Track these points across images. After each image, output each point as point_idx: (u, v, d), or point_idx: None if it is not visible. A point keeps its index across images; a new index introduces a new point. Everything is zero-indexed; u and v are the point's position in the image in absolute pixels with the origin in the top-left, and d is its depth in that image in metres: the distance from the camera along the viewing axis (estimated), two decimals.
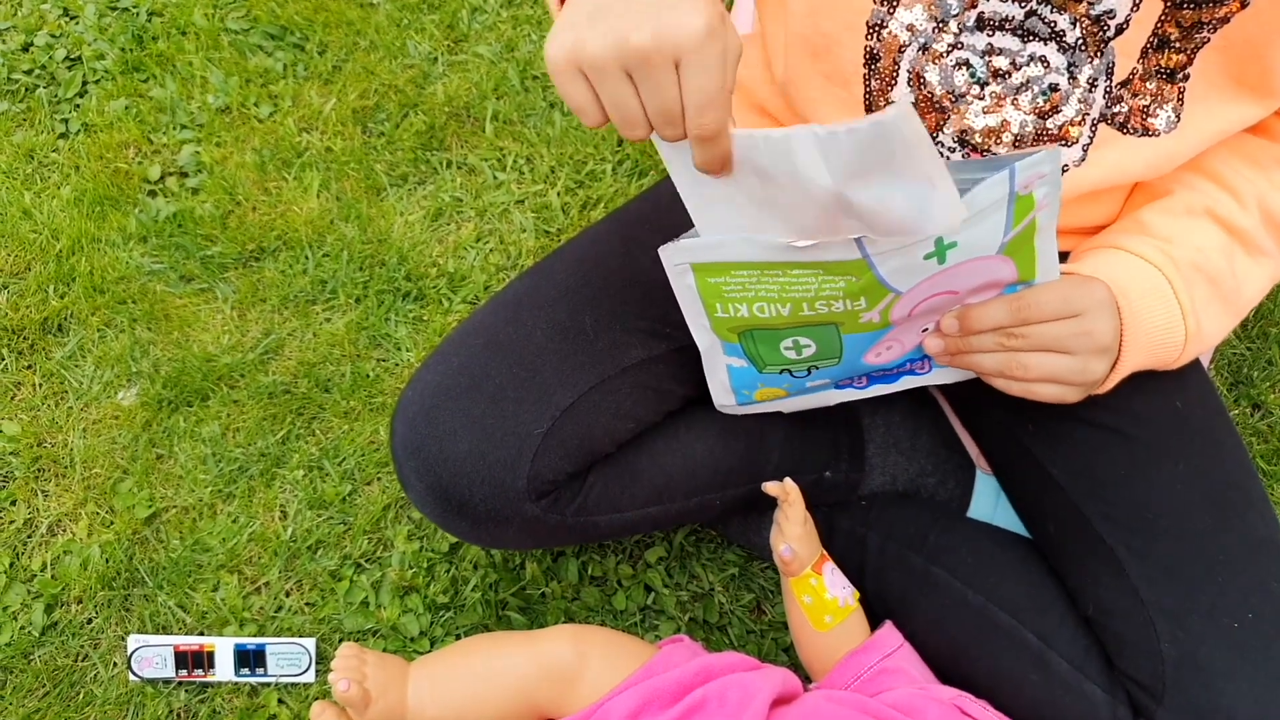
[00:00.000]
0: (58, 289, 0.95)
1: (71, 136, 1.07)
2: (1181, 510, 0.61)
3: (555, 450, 0.60)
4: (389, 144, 1.09)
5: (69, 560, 0.80)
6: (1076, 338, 0.56)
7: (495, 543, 0.67)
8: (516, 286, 0.67)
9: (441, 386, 0.61)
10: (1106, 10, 0.54)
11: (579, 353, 0.62)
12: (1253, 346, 1.01)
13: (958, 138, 0.59)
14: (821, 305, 0.55)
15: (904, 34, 0.58)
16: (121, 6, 1.18)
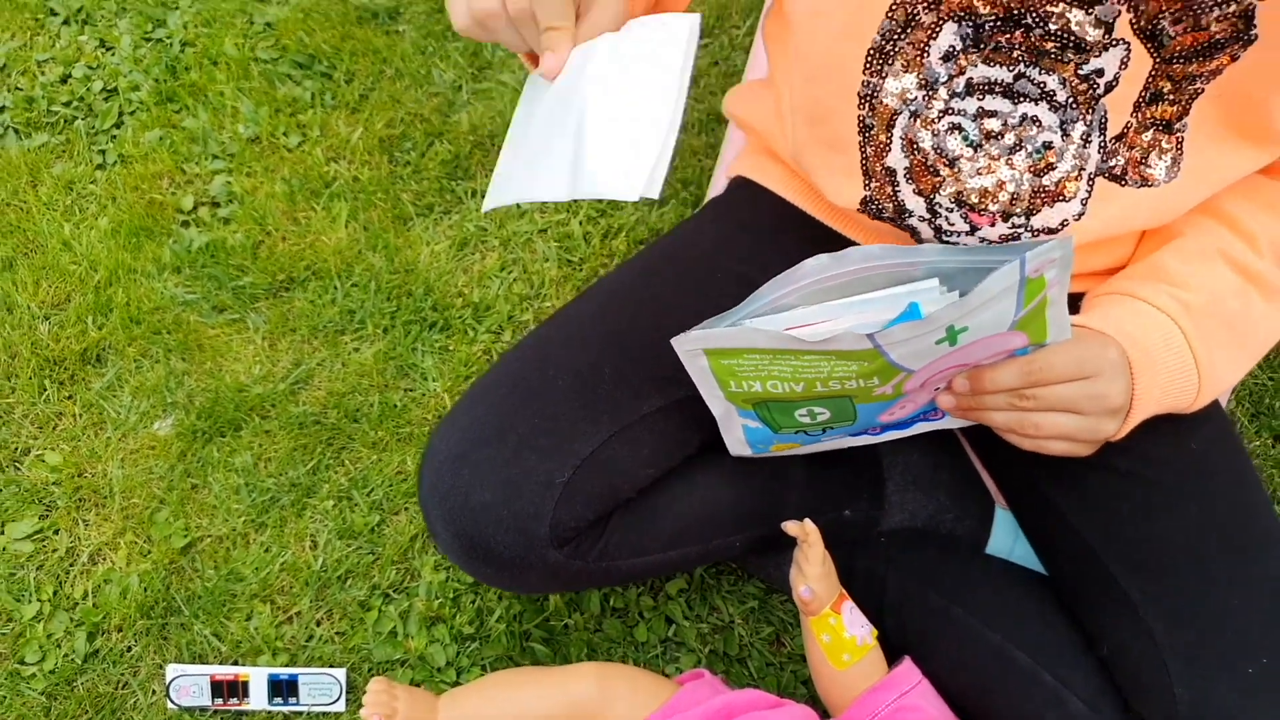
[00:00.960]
0: (96, 320, 0.97)
1: (109, 167, 1.09)
2: (1196, 552, 0.61)
3: (577, 498, 0.62)
4: (415, 173, 1.11)
5: (109, 589, 0.82)
6: (1089, 399, 0.56)
7: (519, 587, 0.69)
8: (540, 335, 0.69)
9: (467, 436, 0.63)
10: (1095, 69, 0.54)
11: (599, 402, 0.63)
12: (1275, 377, 1.01)
13: (955, 199, 0.60)
14: (835, 384, 0.56)
15: (895, 103, 0.59)
16: (155, 37, 1.21)
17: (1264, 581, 0.60)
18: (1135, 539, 0.63)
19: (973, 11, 0.54)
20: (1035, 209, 0.59)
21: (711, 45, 1.25)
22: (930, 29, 0.56)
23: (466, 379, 0.97)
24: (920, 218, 0.62)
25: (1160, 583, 0.61)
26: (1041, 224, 0.60)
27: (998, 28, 0.54)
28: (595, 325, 0.68)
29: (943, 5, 0.55)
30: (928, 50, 0.56)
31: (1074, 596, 0.67)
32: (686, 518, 0.70)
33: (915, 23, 0.56)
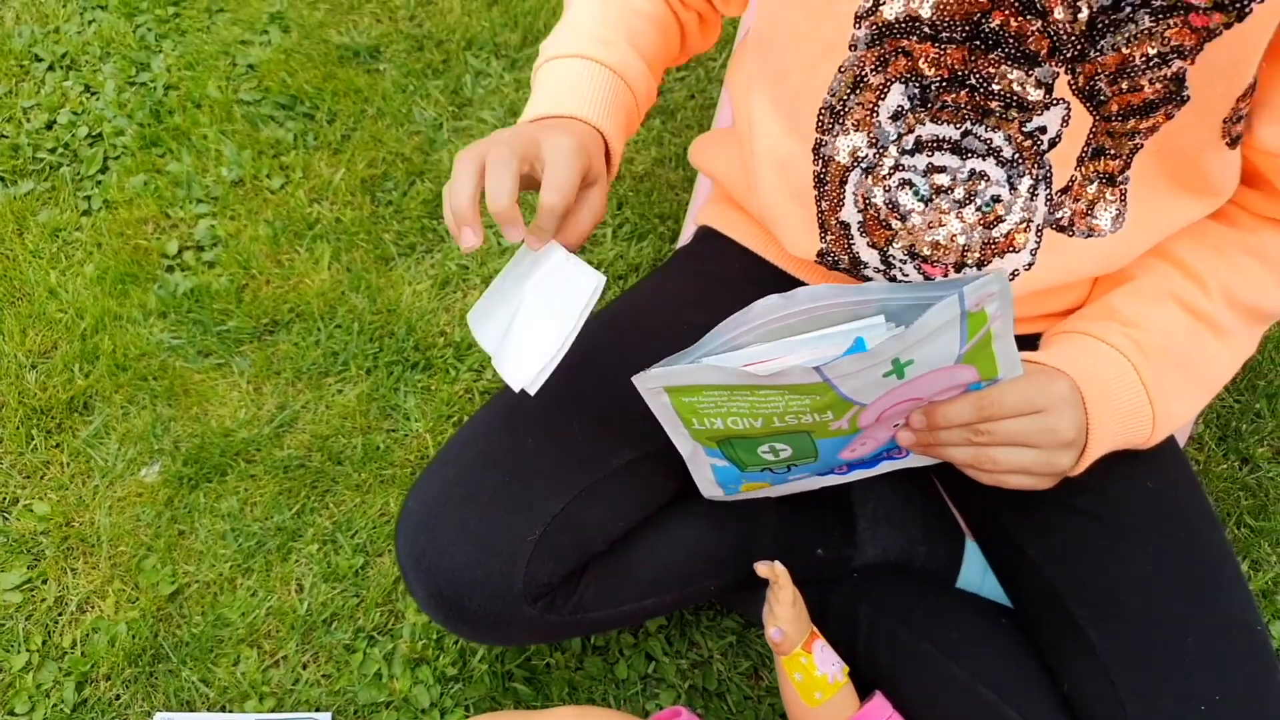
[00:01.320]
0: (83, 368, 0.99)
1: (94, 213, 1.11)
2: (1152, 592, 0.63)
3: (548, 554, 0.63)
4: (397, 213, 1.13)
5: (97, 637, 0.84)
6: (1040, 433, 0.58)
7: (498, 642, 0.70)
8: (509, 394, 0.70)
9: (439, 498, 0.64)
10: (1038, 126, 0.56)
11: (568, 458, 0.65)
12: (1241, 399, 1.02)
13: (908, 251, 0.62)
14: (791, 419, 0.58)
15: (846, 159, 0.61)
16: (139, 81, 1.23)
17: (1217, 622, 0.61)
18: (1093, 579, 0.64)
19: (918, 73, 0.56)
20: (986, 259, 0.61)
21: (688, 78, 1.27)
22: (879, 89, 0.58)
23: (449, 418, 0.98)
24: (875, 269, 0.64)
25: (1117, 622, 0.62)
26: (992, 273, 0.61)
27: (943, 88, 0.56)
28: (563, 382, 0.70)
29: (889, 68, 0.57)
30: (877, 110, 0.58)
31: (1036, 632, 0.69)
32: (661, 566, 0.72)
33: (864, 84, 0.58)
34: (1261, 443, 1.00)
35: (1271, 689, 0.60)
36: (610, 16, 0.68)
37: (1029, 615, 0.70)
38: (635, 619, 0.73)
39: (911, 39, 0.55)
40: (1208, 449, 0.99)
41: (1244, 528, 0.94)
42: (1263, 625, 0.63)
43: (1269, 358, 1.05)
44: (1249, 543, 0.93)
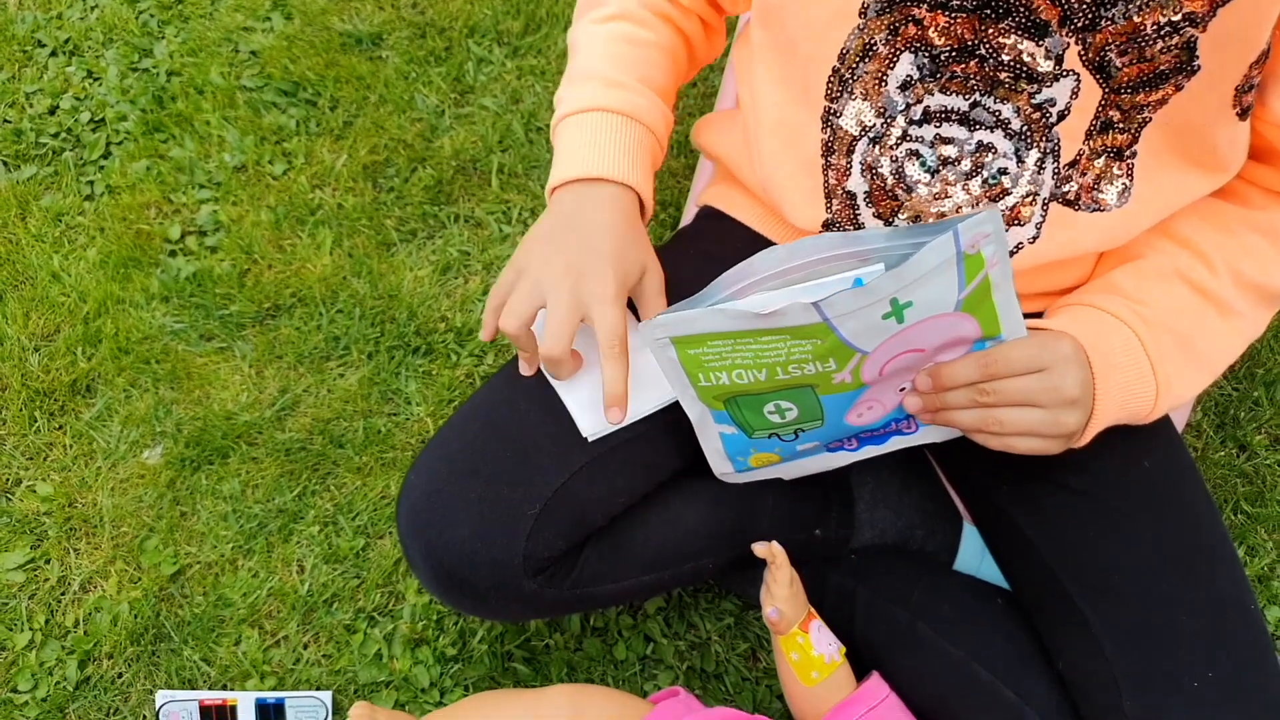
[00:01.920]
0: (85, 351, 1.00)
1: (96, 198, 1.12)
2: (1146, 571, 0.63)
3: (549, 528, 0.64)
4: (398, 199, 1.13)
5: (100, 617, 0.84)
6: (1045, 392, 0.57)
7: (498, 616, 0.71)
8: (511, 369, 0.71)
9: (441, 471, 0.64)
10: (1047, 99, 0.56)
11: (570, 433, 0.65)
12: (1240, 387, 1.03)
13: (913, 221, 0.62)
14: (794, 369, 0.58)
15: (854, 128, 0.61)
16: (142, 67, 1.23)
17: (1211, 600, 0.62)
18: (1089, 558, 0.65)
19: (928, 43, 0.56)
20: None
21: None
22: (887, 59, 0.58)
23: (450, 403, 0.99)
24: None
25: (1112, 601, 0.63)
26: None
27: (953, 58, 0.56)
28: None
29: (899, 36, 0.57)
30: (886, 79, 0.58)
31: (1033, 612, 0.69)
32: (661, 543, 0.72)
33: (873, 52, 0.58)
34: (1259, 430, 1.00)
35: (1264, 667, 0.61)
36: (616, 56, 0.68)
37: (1026, 595, 0.70)
38: (634, 596, 0.73)
39: (922, 6, 0.55)
40: (1205, 436, 0.99)
41: (1240, 514, 0.95)
42: (1256, 605, 0.63)
43: (1268, 345, 1.05)
44: (1245, 529, 0.93)
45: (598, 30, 0.70)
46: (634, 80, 0.68)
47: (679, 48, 0.73)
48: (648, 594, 0.75)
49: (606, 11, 0.70)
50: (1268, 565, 0.91)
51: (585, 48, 0.70)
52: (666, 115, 0.70)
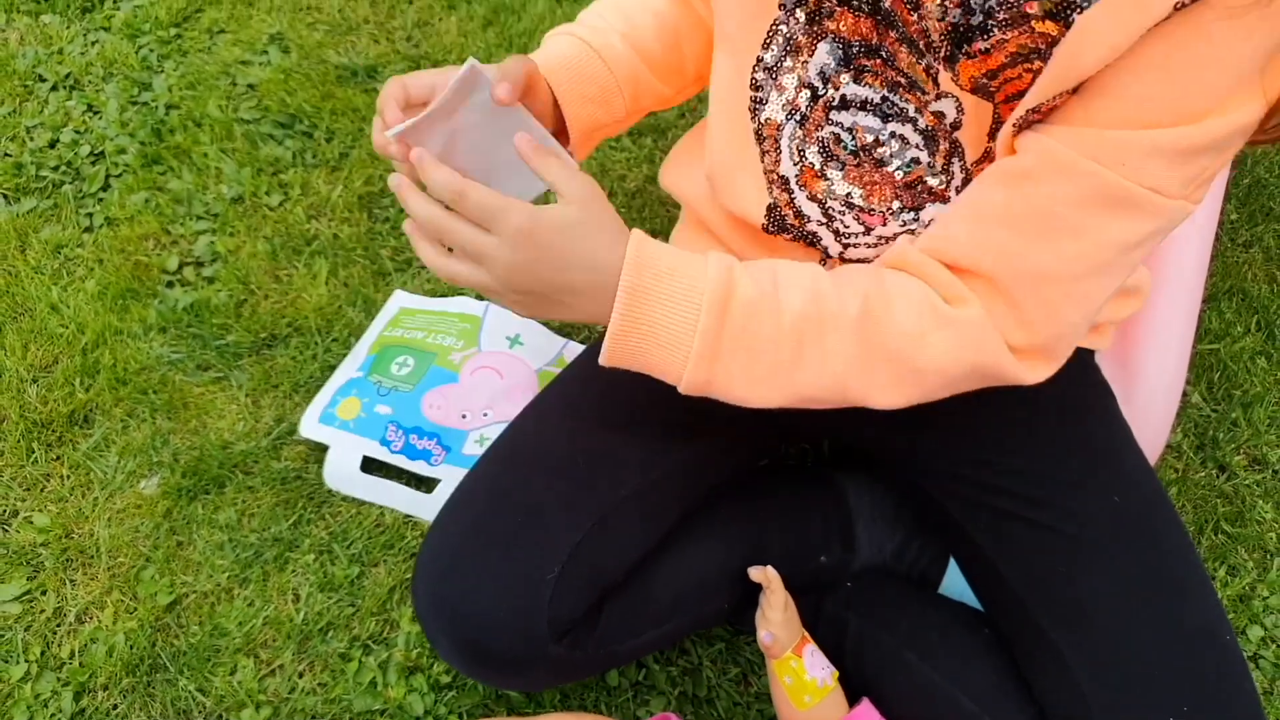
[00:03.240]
0: (84, 381, 1.01)
1: (95, 230, 1.13)
2: (1119, 604, 0.64)
3: (569, 589, 0.64)
4: (393, 229, 1.15)
5: (96, 648, 0.85)
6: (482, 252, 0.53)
7: (522, 685, 0.71)
8: (511, 435, 0.72)
9: (454, 545, 0.66)
10: (937, 110, 0.58)
11: (577, 492, 0.67)
12: (1219, 409, 1.05)
13: (844, 203, 0.63)
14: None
15: (780, 115, 0.62)
16: (141, 101, 1.25)
17: (1184, 631, 0.63)
18: (1061, 591, 0.65)
19: (840, 36, 0.58)
20: (921, 205, 0.62)
21: None
22: (808, 47, 0.60)
23: None
24: (818, 221, 0.65)
25: (1085, 634, 0.64)
26: (929, 218, 0.62)
27: (862, 53, 0.58)
28: (563, 417, 0.72)
29: (816, 26, 0.59)
30: (806, 66, 0.60)
31: (1010, 644, 0.70)
32: (677, 588, 0.73)
33: (794, 42, 0.60)
34: (1238, 450, 1.02)
35: (1238, 698, 0.62)
36: (611, 13, 0.72)
37: (1003, 626, 0.72)
38: (656, 647, 0.75)
39: (832, 1, 0.57)
40: (1186, 457, 1.01)
41: (1221, 534, 0.96)
42: (1231, 635, 0.64)
43: (1244, 367, 1.07)
44: (1225, 549, 0.95)
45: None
46: (613, 30, 0.71)
47: (691, 31, 0.74)
48: (668, 643, 0.76)
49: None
50: (1248, 585, 0.93)
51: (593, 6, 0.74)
52: (637, 70, 0.72)
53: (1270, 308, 1.12)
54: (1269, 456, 1.01)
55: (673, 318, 0.54)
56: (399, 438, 0.95)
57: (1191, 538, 0.78)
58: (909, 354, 0.55)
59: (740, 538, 0.76)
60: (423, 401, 0.97)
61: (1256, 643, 0.90)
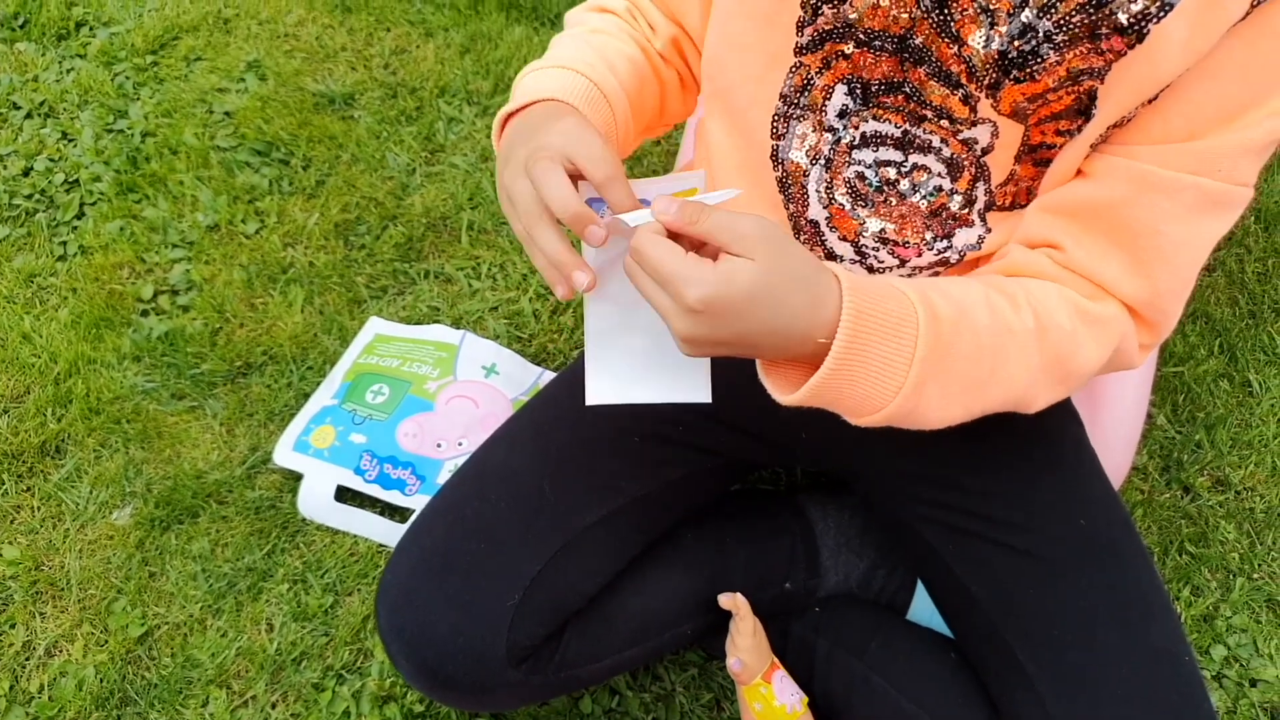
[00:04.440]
0: (55, 412, 1.00)
1: (69, 259, 1.13)
2: (1085, 625, 0.65)
3: (529, 616, 0.65)
4: (369, 256, 1.15)
5: (65, 682, 0.84)
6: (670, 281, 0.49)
7: (485, 708, 0.71)
8: (477, 459, 0.73)
9: (417, 570, 0.66)
10: (969, 138, 0.59)
11: (540, 520, 0.67)
12: (1182, 431, 1.07)
13: (878, 239, 0.65)
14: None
15: (804, 160, 0.64)
16: (117, 128, 1.25)
17: (1146, 652, 0.64)
18: (1030, 612, 0.67)
19: (859, 76, 0.59)
20: (951, 232, 0.64)
21: None
22: (825, 89, 0.61)
23: None
24: (851, 260, 0.67)
25: (1052, 654, 0.65)
26: (962, 244, 0.64)
27: (882, 90, 0.59)
28: (530, 445, 0.72)
29: (832, 70, 0.60)
30: (825, 110, 0.61)
31: (977, 664, 0.71)
32: (641, 615, 0.74)
33: (810, 86, 0.61)
34: (1201, 472, 1.04)
35: (1198, 716, 0.63)
36: (592, 52, 0.69)
37: (969, 646, 0.73)
38: (617, 671, 0.75)
39: (849, 43, 0.58)
40: (1151, 479, 1.03)
41: (1185, 555, 0.98)
42: (1191, 656, 0.66)
43: (1207, 389, 1.10)
44: (1189, 569, 0.97)
45: (578, 31, 0.70)
46: (603, 67, 0.67)
47: (652, 80, 0.72)
48: (629, 667, 0.76)
49: (591, 26, 0.71)
50: (1211, 605, 0.95)
51: (564, 43, 0.69)
52: (627, 111, 0.68)
53: (1232, 330, 1.15)
54: (1231, 478, 1.03)
55: (888, 353, 0.52)
56: (373, 467, 0.95)
57: (1155, 560, 0.79)
58: (1070, 356, 0.58)
59: (703, 563, 0.76)
60: (398, 430, 0.97)
61: (1220, 662, 0.92)
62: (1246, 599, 0.95)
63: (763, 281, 0.49)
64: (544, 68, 0.67)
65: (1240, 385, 1.11)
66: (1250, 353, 1.13)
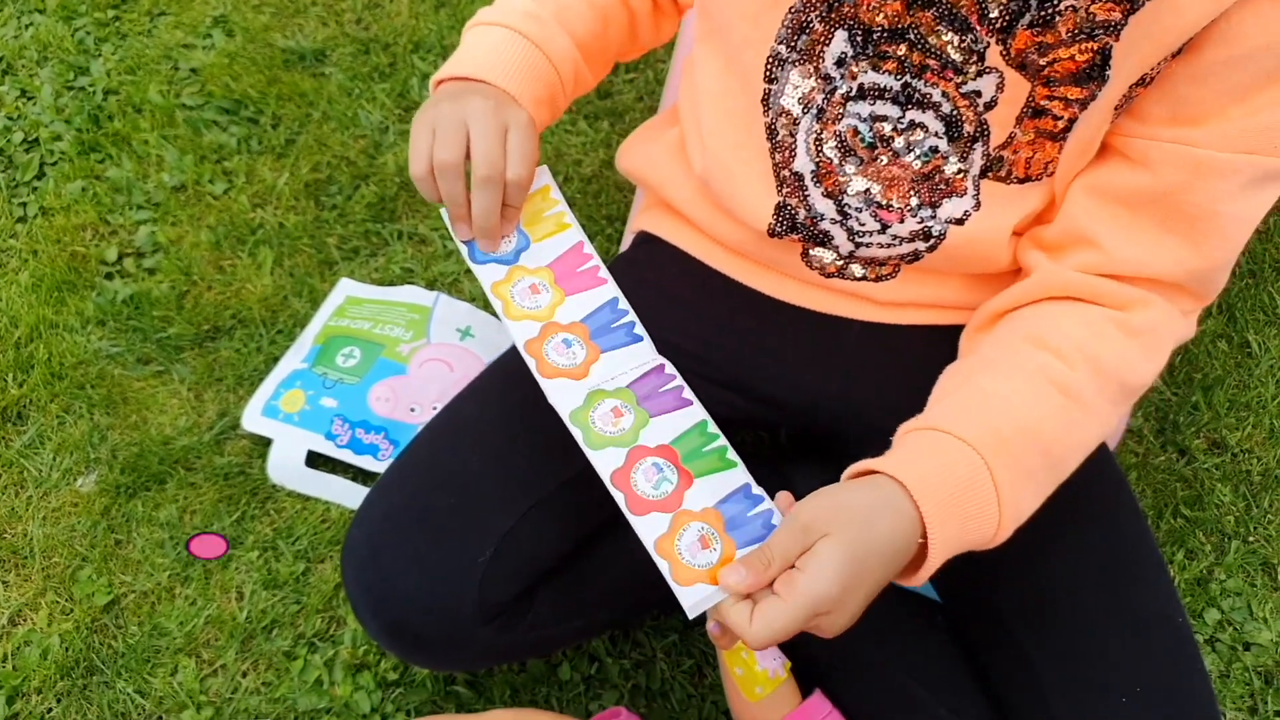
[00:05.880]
0: (16, 377, 0.97)
1: (29, 220, 1.09)
2: (1075, 588, 0.64)
3: (501, 574, 0.63)
4: (341, 216, 1.12)
5: (29, 651, 0.82)
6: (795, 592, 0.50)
7: (454, 667, 0.69)
8: (450, 412, 0.70)
9: (385, 525, 0.63)
10: (973, 90, 0.56)
11: (513, 476, 0.65)
12: (1179, 392, 1.04)
13: (862, 199, 0.62)
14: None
15: (796, 107, 0.61)
16: (78, 86, 1.21)
17: (1139, 615, 0.62)
18: (1020, 576, 0.65)
19: (860, 20, 0.56)
20: (937, 202, 0.61)
21: (637, 80, 1.28)
22: (823, 35, 0.58)
23: None
24: (832, 220, 0.64)
25: (1041, 617, 0.63)
26: (946, 215, 0.62)
27: (884, 38, 0.56)
28: (504, 398, 0.69)
29: (833, 14, 0.57)
30: (822, 56, 0.58)
31: (965, 628, 0.70)
32: (613, 575, 0.72)
33: (809, 29, 0.58)
34: (1198, 434, 1.02)
35: (1189, 681, 0.61)
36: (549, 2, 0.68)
37: (957, 611, 0.71)
38: (590, 634, 0.74)
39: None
40: (1146, 442, 1.01)
41: (1179, 518, 0.96)
42: (1184, 619, 0.64)
43: (1205, 350, 1.07)
44: (1184, 533, 0.95)
45: None
46: (551, 19, 0.67)
47: (618, 15, 0.71)
48: (604, 630, 0.74)
49: None
50: (1205, 568, 0.93)
51: None
52: (579, 67, 0.69)
53: (1232, 290, 1.12)
54: (1228, 440, 1.01)
55: (975, 509, 0.54)
56: (345, 431, 0.92)
57: (1149, 522, 0.77)
58: (1127, 378, 0.58)
59: None
60: (370, 394, 0.94)
61: (1213, 626, 0.90)
62: (1241, 562, 0.93)
63: (851, 535, 0.50)
64: (486, 24, 0.66)
65: (1239, 346, 1.08)
66: (1249, 312, 1.10)
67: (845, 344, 0.72)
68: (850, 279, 0.69)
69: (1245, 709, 0.86)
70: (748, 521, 0.56)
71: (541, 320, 0.62)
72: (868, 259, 0.67)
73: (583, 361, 0.62)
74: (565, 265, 0.65)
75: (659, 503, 0.56)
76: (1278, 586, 0.92)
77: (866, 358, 0.72)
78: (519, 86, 0.65)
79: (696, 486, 0.57)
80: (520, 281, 0.63)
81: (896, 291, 0.69)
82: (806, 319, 0.72)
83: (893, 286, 0.69)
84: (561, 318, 0.63)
